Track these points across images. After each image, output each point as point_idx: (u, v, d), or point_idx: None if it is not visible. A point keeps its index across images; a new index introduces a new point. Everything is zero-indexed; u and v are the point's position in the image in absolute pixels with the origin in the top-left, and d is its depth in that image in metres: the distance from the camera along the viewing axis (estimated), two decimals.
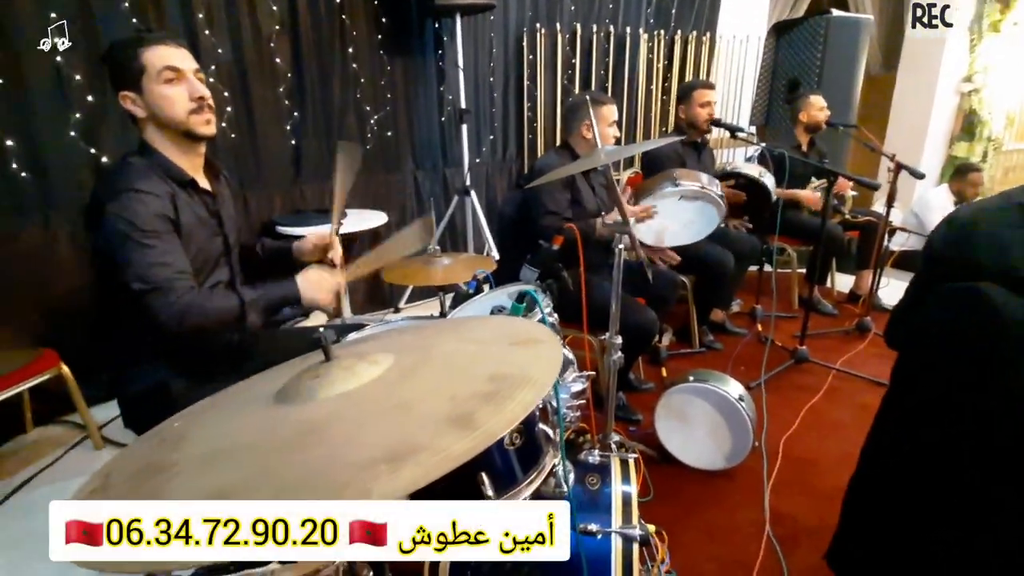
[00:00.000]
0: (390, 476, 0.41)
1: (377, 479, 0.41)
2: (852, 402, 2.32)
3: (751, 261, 2.90)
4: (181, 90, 1.20)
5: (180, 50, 1.21)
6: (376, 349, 0.66)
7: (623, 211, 1.36)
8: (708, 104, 2.59)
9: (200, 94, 1.21)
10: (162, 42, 1.19)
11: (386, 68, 3.05)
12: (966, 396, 1.00)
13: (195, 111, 1.21)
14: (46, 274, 2.21)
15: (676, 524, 1.62)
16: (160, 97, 1.19)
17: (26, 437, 2.19)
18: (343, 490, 0.41)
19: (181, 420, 0.66)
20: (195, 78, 1.22)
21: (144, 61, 1.17)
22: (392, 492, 0.40)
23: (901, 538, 1.13)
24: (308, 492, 0.42)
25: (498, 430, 0.46)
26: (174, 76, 1.19)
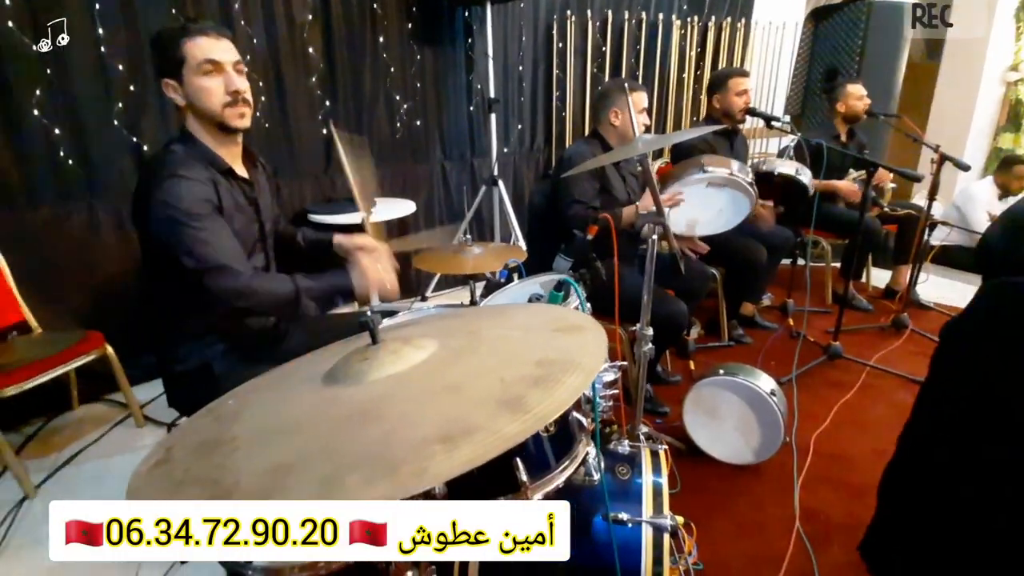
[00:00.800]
0: (445, 455, 0.42)
1: (433, 458, 0.42)
2: (887, 400, 2.26)
3: (784, 254, 2.83)
4: (218, 83, 1.22)
5: (222, 41, 1.23)
6: (419, 334, 0.67)
7: (658, 202, 1.34)
8: (744, 92, 2.53)
9: (236, 88, 1.24)
10: (205, 33, 1.21)
11: (416, 57, 3.06)
12: (1008, 392, 0.97)
13: (230, 104, 1.23)
14: (92, 258, 2.29)
15: (704, 517, 1.61)
16: (198, 88, 1.21)
17: (73, 414, 2.30)
18: (400, 466, 0.42)
19: (234, 399, 0.68)
20: (234, 71, 1.24)
21: (185, 52, 1.20)
22: (447, 471, 0.41)
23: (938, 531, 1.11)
24: (367, 468, 0.43)
25: (549, 413, 0.47)
26: (212, 68, 1.21)
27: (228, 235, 1.22)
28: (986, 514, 1.01)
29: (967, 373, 1.08)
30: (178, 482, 0.48)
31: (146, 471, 0.52)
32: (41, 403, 2.19)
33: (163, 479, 0.50)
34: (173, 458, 0.53)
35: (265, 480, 0.44)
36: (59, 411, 2.28)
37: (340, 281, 1.26)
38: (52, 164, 2.17)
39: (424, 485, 0.40)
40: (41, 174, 2.15)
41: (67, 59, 2.12)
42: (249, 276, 1.19)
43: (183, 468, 0.51)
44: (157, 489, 0.48)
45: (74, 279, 2.27)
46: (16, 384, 1.76)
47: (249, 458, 0.49)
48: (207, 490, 0.45)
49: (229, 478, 0.46)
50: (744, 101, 2.54)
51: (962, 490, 1.06)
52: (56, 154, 2.17)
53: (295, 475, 0.44)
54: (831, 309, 3.02)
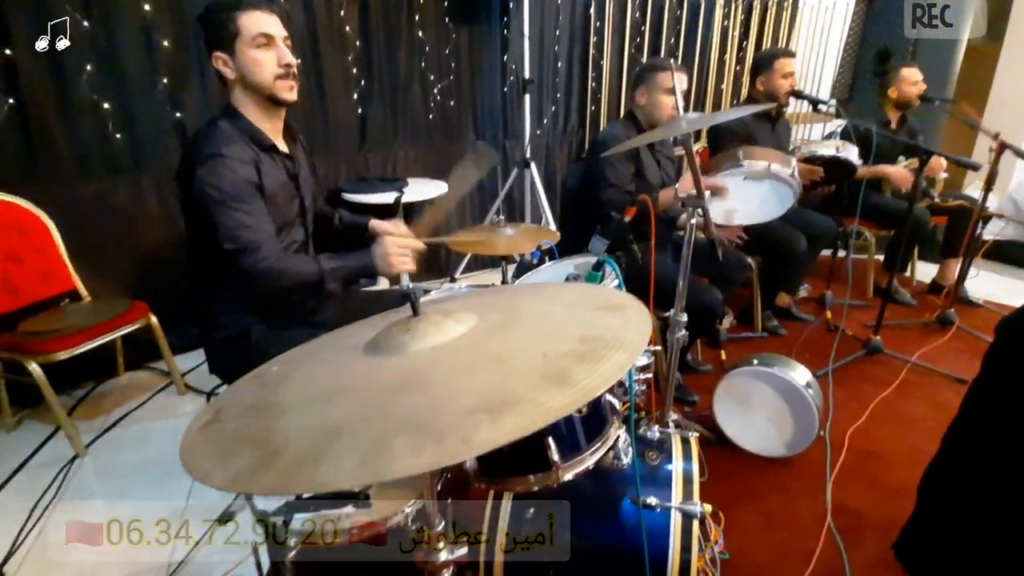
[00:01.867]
0: (491, 424, 0.42)
1: (479, 426, 0.42)
2: (928, 398, 2.18)
3: (825, 244, 2.74)
4: (271, 55, 1.24)
5: (272, 16, 1.25)
6: (460, 308, 0.67)
7: (699, 184, 1.31)
8: (790, 75, 2.42)
9: (287, 60, 1.26)
10: (258, 7, 1.23)
11: (451, 36, 3.04)
12: None
13: (282, 76, 1.26)
14: (137, 230, 2.38)
15: (731, 507, 1.59)
16: (251, 61, 1.23)
17: (119, 380, 2.41)
18: (448, 433, 0.42)
19: (279, 365, 0.70)
20: (284, 45, 1.27)
21: (240, 25, 1.21)
22: (493, 440, 0.41)
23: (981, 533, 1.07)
24: (413, 433, 0.43)
25: (595, 388, 0.46)
26: (266, 42, 1.23)
27: (264, 216, 1.25)
28: None
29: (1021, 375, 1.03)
30: (229, 441, 0.50)
31: (197, 430, 0.54)
32: (90, 368, 2.30)
33: (215, 438, 0.51)
34: (223, 419, 0.55)
35: (314, 442, 0.45)
36: (107, 376, 2.39)
37: (363, 262, 1.30)
38: (101, 138, 2.24)
39: (470, 453, 0.40)
40: (90, 148, 2.23)
41: (115, 35, 2.18)
42: (277, 257, 1.23)
43: (232, 428, 0.52)
44: (209, 447, 0.50)
45: (121, 250, 2.37)
46: (68, 349, 1.85)
47: (297, 421, 0.50)
48: (257, 449, 0.46)
49: (278, 439, 0.47)
50: (790, 84, 2.44)
51: (1008, 492, 1.02)
52: (104, 128, 2.24)
53: (343, 439, 0.44)
54: (872, 303, 2.92)
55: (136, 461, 1.90)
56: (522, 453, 0.91)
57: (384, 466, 0.39)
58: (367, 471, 0.40)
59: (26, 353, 1.81)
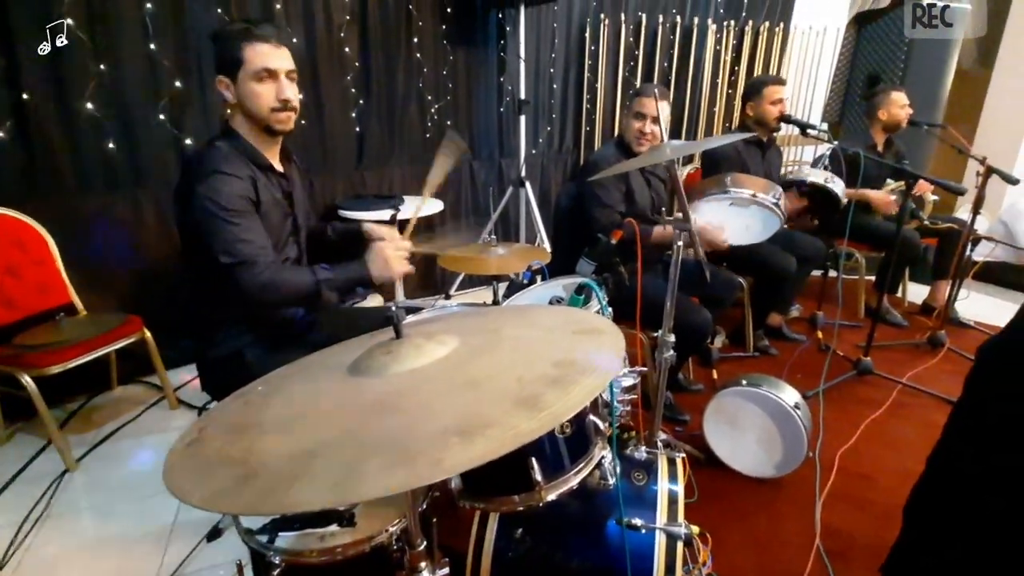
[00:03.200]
0: (461, 447, 0.43)
1: (449, 450, 0.43)
2: (918, 419, 2.19)
3: (815, 265, 2.77)
4: (270, 89, 1.28)
5: (280, 50, 1.28)
6: (441, 330, 0.69)
7: (684, 207, 1.34)
8: (780, 101, 2.48)
9: (286, 97, 1.29)
10: (267, 40, 1.26)
11: (449, 58, 3.10)
12: None
13: (277, 110, 1.29)
14: (134, 246, 2.40)
15: (720, 528, 1.59)
16: (250, 92, 1.27)
17: (112, 393, 2.41)
18: (419, 456, 0.43)
19: (263, 385, 0.72)
20: (286, 80, 1.30)
21: (245, 55, 1.25)
22: (462, 463, 0.42)
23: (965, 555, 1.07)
24: (386, 455, 0.45)
25: (564, 413, 0.48)
26: (267, 76, 1.27)
27: (261, 232, 1.27)
28: (1016, 538, 0.98)
29: (1004, 395, 1.04)
30: (209, 461, 0.51)
31: (181, 449, 0.56)
32: (83, 382, 2.30)
33: (196, 458, 0.53)
34: (205, 439, 0.56)
35: (291, 464, 0.46)
36: (100, 390, 2.40)
37: (359, 271, 1.31)
38: (101, 154, 2.28)
39: (439, 475, 0.42)
40: (91, 164, 2.27)
41: (118, 55, 2.22)
42: (273, 270, 1.24)
43: (215, 448, 0.54)
44: (190, 468, 0.51)
45: (117, 265, 2.38)
46: (61, 363, 1.86)
47: (276, 442, 0.52)
48: (235, 469, 0.47)
49: (256, 460, 0.48)
50: (779, 110, 2.49)
51: (991, 513, 1.03)
52: (105, 145, 2.27)
53: (318, 460, 0.46)
54: (863, 323, 2.94)
55: (126, 476, 1.90)
56: (506, 473, 0.92)
57: (355, 488, 0.41)
58: (338, 494, 0.41)
59: (20, 366, 1.82)
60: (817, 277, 2.92)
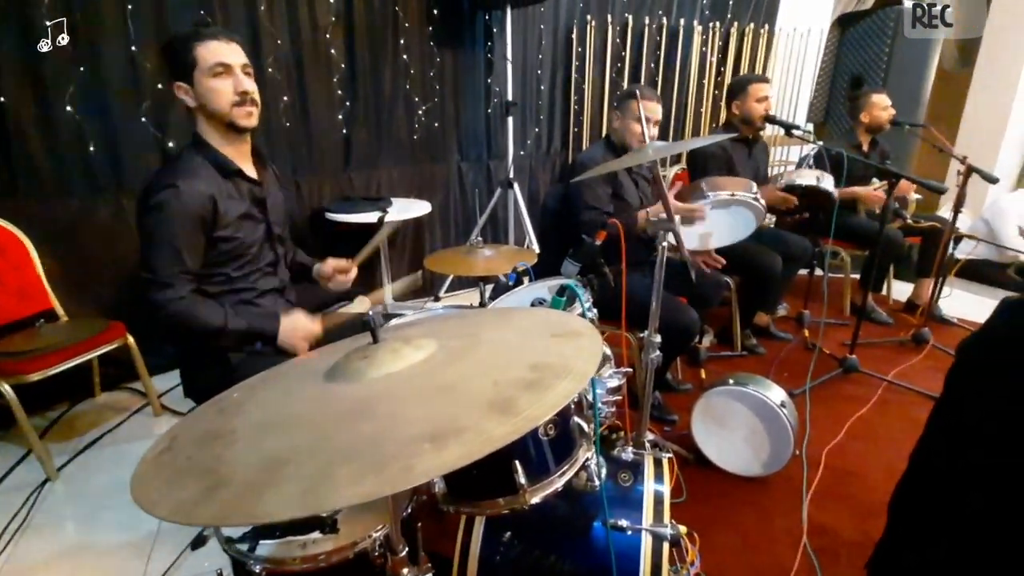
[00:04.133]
0: (433, 454, 0.43)
1: (421, 456, 0.43)
2: (904, 416, 2.21)
3: (801, 264, 2.79)
4: (227, 84, 1.27)
5: (231, 45, 1.28)
6: (420, 334, 0.69)
7: (668, 207, 1.34)
8: (765, 99, 2.50)
9: (244, 89, 1.29)
10: (215, 37, 1.26)
11: (435, 59, 3.09)
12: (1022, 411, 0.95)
13: (238, 104, 1.29)
14: (117, 251, 2.37)
15: (708, 527, 1.59)
16: (208, 90, 1.27)
17: (95, 400, 2.37)
18: (390, 462, 0.43)
19: (239, 392, 0.71)
20: (242, 73, 1.29)
21: (197, 55, 1.25)
22: (434, 470, 0.42)
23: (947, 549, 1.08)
24: (357, 463, 0.44)
25: (538, 416, 0.48)
26: (222, 71, 1.26)
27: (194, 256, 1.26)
28: (996, 537, 0.99)
29: (982, 391, 1.06)
30: (179, 470, 0.50)
31: (152, 458, 0.55)
32: (66, 389, 2.27)
33: (166, 467, 0.52)
34: (177, 447, 0.55)
35: (259, 472, 0.46)
36: (82, 397, 2.36)
37: (269, 327, 1.31)
38: (82, 158, 2.24)
39: (410, 482, 0.41)
40: (71, 168, 2.23)
41: (99, 56, 2.19)
42: (188, 303, 1.24)
43: (185, 457, 0.53)
44: (159, 477, 0.50)
45: (100, 270, 2.35)
46: (41, 370, 1.83)
47: (246, 450, 0.51)
48: (204, 479, 0.46)
49: (225, 469, 0.47)
50: (764, 108, 2.51)
51: (971, 508, 1.04)
52: (86, 148, 2.24)
53: (288, 468, 0.45)
54: (848, 322, 2.96)
55: (109, 484, 1.87)
56: (490, 477, 0.91)
57: (324, 497, 0.40)
58: (307, 503, 0.40)
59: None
60: (803, 276, 2.95)
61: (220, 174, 1.31)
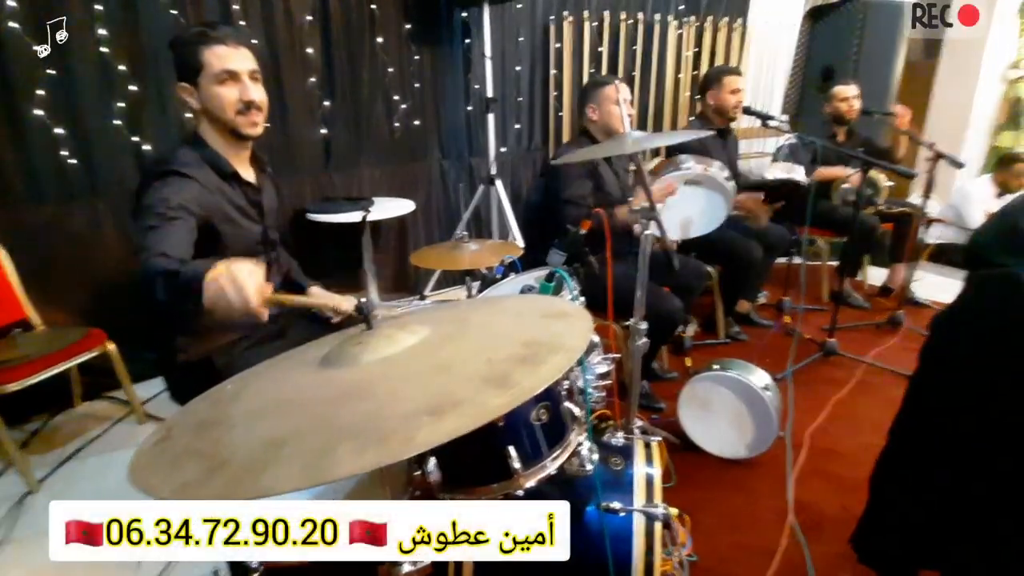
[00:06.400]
0: (432, 425, 0.44)
1: (420, 428, 0.44)
2: (882, 396, 2.28)
3: (780, 252, 2.86)
4: (233, 91, 1.25)
5: (239, 50, 1.26)
6: (412, 321, 0.69)
7: (650, 196, 1.36)
8: (738, 91, 2.55)
9: (250, 98, 1.26)
10: (224, 42, 1.23)
11: (414, 57, 3.08)
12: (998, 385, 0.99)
13: (242, 112, 1.26)
14: (94, 256, 2.32)
15: (698, 510, 1.62)
16: (213, 96, 1.24)
17: (76, 411, 2.32)
18: (391, 436, 0.44)
19: (233, 384, 0.71)
20: (249, 80, 1.27)
21: (204, 60, 1.22)
22: (434, 439, 0.43)
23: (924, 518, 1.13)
24: (358, 438, 0.45)
25: (534, 387, 0.49)
26: (229, 78, 1.24)
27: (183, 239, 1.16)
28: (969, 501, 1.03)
29: (954, 364, 1.10)
30: (178, 455, 0.50)
31: (148, 448, 0.55)
32: (45, 400, 2.21)
33: (163, 454, 0.52)
34: (173, 436, 0.55)
35: (259, 452, 0.46)
36: (62, 408, 2.31)
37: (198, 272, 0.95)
38: (54, 163, 2.19)
39: (412, 451, 0.42)
40: (43, 173, 2.18)
41: (68, 59, 2.14)
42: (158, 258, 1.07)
43: (183, 444, 0.53)
44: (158, 464, 0.50)
45: (76, 277, 2.30)
46: (18, 380, 1.78)
47: (245, 434, 0.51)
48: (203, 462, 0.47)
49: (224, 451, 0.48)
50: (737, 100, 2.56)
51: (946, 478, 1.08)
52: (58, 153, 2.19)
53: (289, 447, 0.46)
54: (827, 307, 3.03)
55: (93, 494, 1.83)
56: (485, 462, 0.92)
57: (327, 470, 0.41)
58: (310, 476, 0.41)
59: None
60: (782, 264, 3.01)
61: (216, 174, 1.29)
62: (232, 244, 1.31)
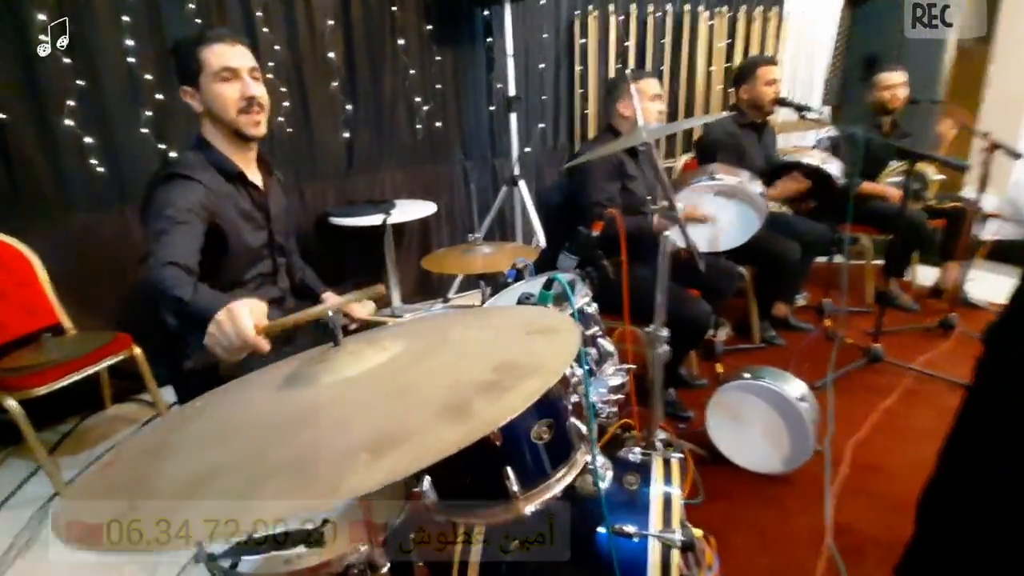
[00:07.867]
0: (368, 467, 0.38)
1: (353, 470, 0.38)
2: (933, 406, 2.10)
3: (819, 251, 2.69)
4: (234, 88, 1.24)
5: (237, 47, 1.25)
6: (389, 336, 0.64)
7: (667, 191, 1.28)
8: (774, 82, 2.40)
9: (251, 94, 1.25)
10: (221, 40, 1.23)
11: (435, 58, 3.06)
12: None
13: (244, 110, 1.25)
14: (122, 263, 2.37)
15: (726, 529, 1.52)
16: (214, 95, 1.24)
17: (105, 413, 2.38)
18: (318, 478, 0.38)
19: (203, 400, 0.67)
20: (250, 77, 1.26)
21: (203, 59, 1.22)
22: (363, 486, 0.37)
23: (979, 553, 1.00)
24: (284, 478, 0.39)
25: (494, 420, 0.42)
26: (229, 75, 1.23)
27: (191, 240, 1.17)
28: None
29: (1014, 379, 0.97)
30: (107, 488, 0.46)
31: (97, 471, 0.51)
32: (76, 403, 2.28)
33: (99, 482, 0.48)
34: (120, 460, 0.52)
35: (179, 488, 0.41)
36: (93, 410, 2.37)
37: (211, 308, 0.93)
38: (84, 172, 2.25)
39: (337, 498, 0.37)
40: (74, 182, 2.24)
41: (97, 69, 2.20)
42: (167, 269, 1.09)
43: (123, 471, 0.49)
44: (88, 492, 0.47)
45: (106, 283, 2.35)
46: (47, 384, 1.83)
47: (176, 464, 0.47)
48: (125, 494, 0.42)
49: (150, 484, 0.43)
50: (774, 91, 2.42)
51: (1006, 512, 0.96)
52: (87, 162, 2.25)
53: (215, 483, 0.41)
54: (872, 309, 2.84)
55: None
56: (482, 484, 0.86)
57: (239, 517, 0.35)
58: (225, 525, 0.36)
59: (3, 389, 1.79)
60: (822, 264, 2.84)
61: (222, 176, 1.28)
62: (238, 248, 1.30)
